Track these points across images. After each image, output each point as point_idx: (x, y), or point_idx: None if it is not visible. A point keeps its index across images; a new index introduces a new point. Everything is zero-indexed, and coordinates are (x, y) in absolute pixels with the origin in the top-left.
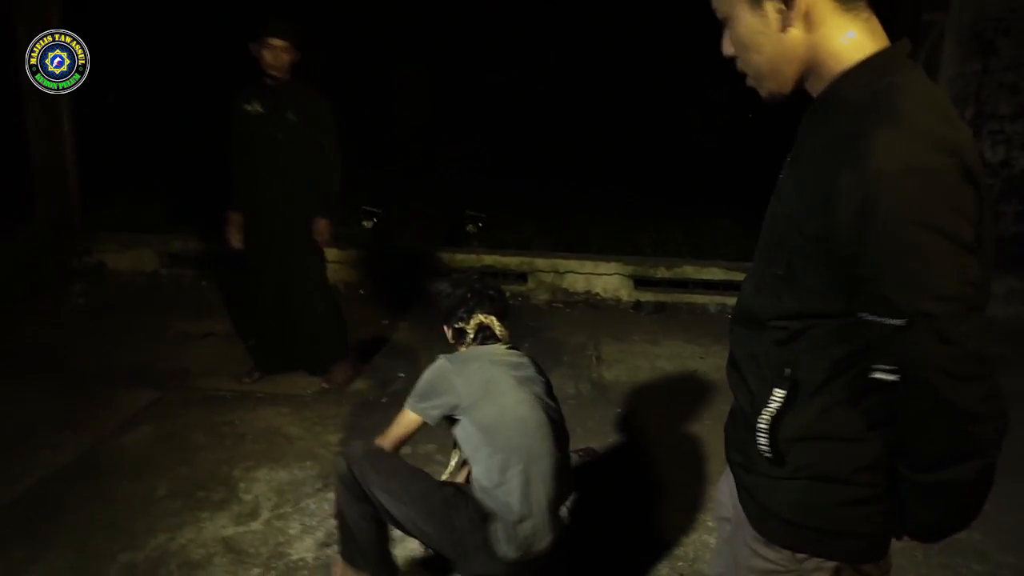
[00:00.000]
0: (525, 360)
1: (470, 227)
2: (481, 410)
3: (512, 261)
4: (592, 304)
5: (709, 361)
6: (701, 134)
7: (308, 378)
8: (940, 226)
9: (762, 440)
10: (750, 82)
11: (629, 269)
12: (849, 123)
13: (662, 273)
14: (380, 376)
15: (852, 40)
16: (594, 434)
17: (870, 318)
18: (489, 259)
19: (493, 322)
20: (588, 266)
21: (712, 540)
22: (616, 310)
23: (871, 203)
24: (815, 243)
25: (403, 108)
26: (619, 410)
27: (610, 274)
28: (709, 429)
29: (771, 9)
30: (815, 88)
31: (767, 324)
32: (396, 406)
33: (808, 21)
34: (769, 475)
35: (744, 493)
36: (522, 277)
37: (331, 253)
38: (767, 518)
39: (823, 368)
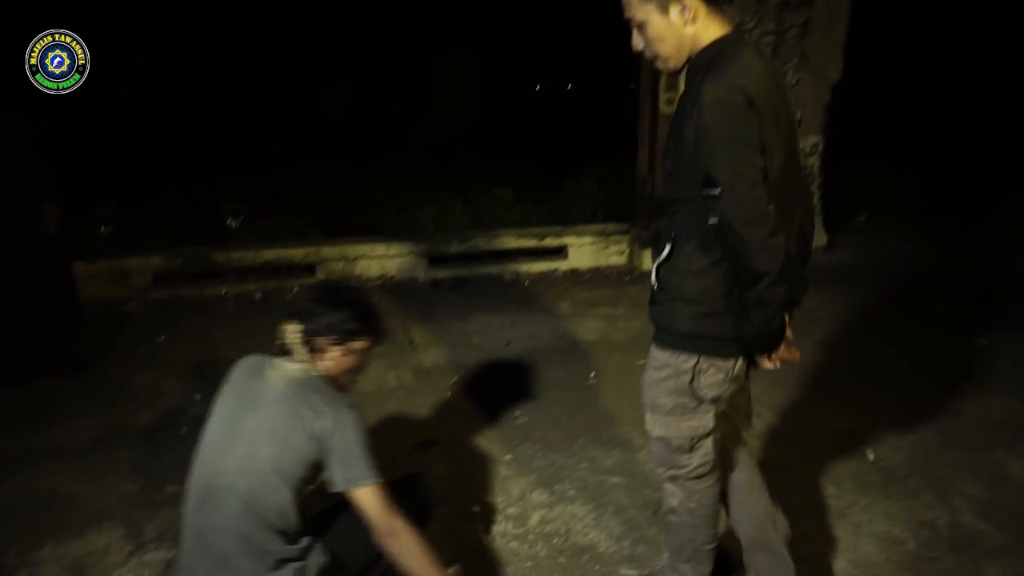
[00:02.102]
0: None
1: (230, 221)
2: None
3: (296, 253)
4: (390, 288)
5: (520, 329)
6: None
7: (80, 420)
8: (733, 133)
9: (653, 277)
10: (658, 64)
11: (422, 248)
12: (698, 78)
13: (455, 248)
14: (170, 402)
15: (709, 30)
16: (429, 423)
17: (704, 191)
18: (270, 253)
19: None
20: (379, 249)
21: (576, 508)
22: (415, 291)
23: (701, 122)
24: (685, 151)
25: None
26: (448, 394)
27: (404, 255)
28: (539, 399)
29: (675, 12)
30: (689, 58)
31: (665, 208)
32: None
33: (694, 19)
34: (659, 301)
35: (652, 321)
36: (310, 269)
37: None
38: (659, 331)
39: (689, 229)
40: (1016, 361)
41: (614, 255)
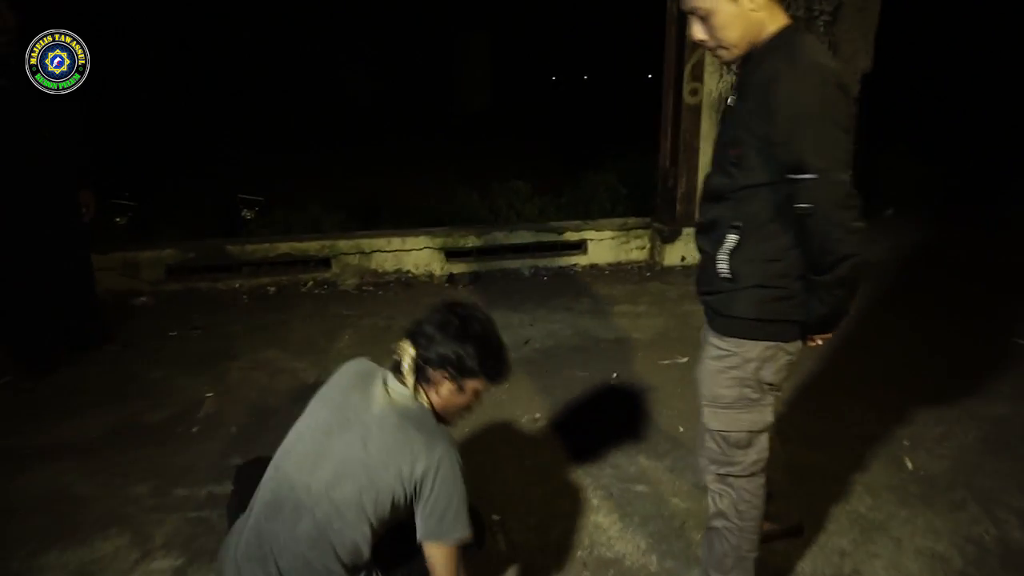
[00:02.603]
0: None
1: (246, 213)
2: None
3: (312, 246)
4: (405, 283)
5: (539, 327)
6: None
7: (90, 416)
8: (827, 115)
9: (723, 267)
10: (720, 54)
11: (439, 241)
12: (773, 63)
13: (472, 242)
14: (181, 400)
15: (773, 17)
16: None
17: (795, 176)
18: (285, 246)
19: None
20: (395, 243)
21: (600, 518)
22: (431, 286)
23: (788, 106)
24: (759, 139)
25: None
26: None
27: (419, 249)
28: (559, 401)
29: (746, 1)
30: (751, 47)
31: (726, 195)
32: (211, 436)
33: (760, 7)
34: (724, 290)
35: (709, 311)
36: (325, 263)
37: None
38: (724, 320)
39: (759, 215)
40: None
41: (635, 250)
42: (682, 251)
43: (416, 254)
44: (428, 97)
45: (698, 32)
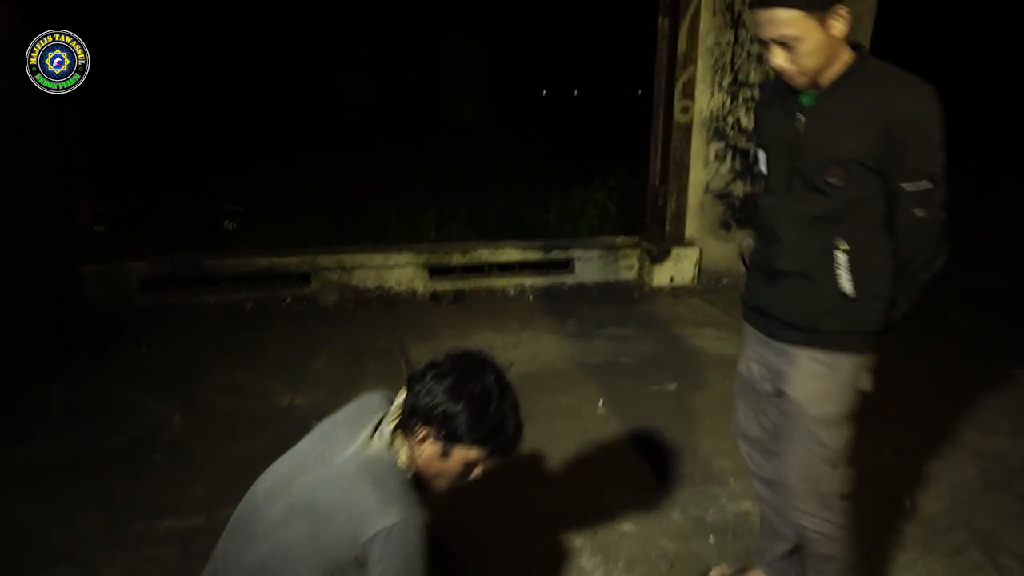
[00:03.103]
0: None
1: (227, 223)
2: None
3: (291, 262)
4: (387, 300)
5: (523, 349)
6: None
7: (51, 438)
8: (941, 128)
9: (846, 283)
10: (798, 80)
11: (423, 258)
12: (871, 87)
13: (457, 259)
14: (146, 423)
15: (846, 47)
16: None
17: (910, 186)
18: (263, 261)
19: None
20: (378, 259)
21: (584, 561)
22: (414, 304)
23: (917, 123)
24: (873, 159)
25: None
26: None
27: (403, 265)
28: (543, 430)
29: (837, 27)
30: (826, 72)
31: (821, 217)
32: (174, 463)
33: (842, 35)
34: (842, 307)
35: (811, 336)
36: (305, 278)
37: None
38: (841, 337)
39: (865, 227)
40: None
41: (623, 270)
42: (671, 271)
43: (399, 271)
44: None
45: (779, 58)
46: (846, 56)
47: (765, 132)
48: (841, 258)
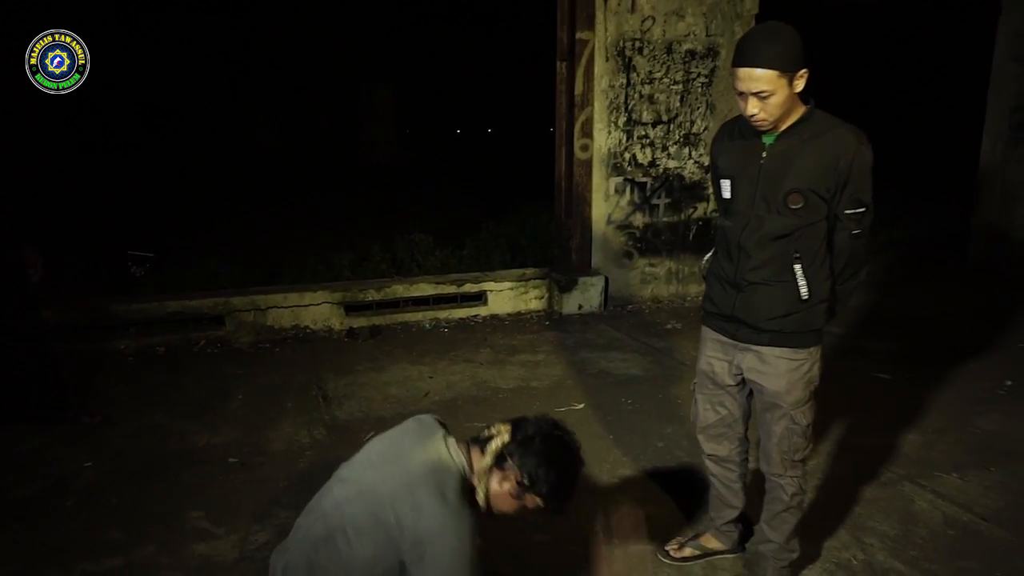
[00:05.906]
0: None
1: (135, 269)
2: None
3: (204, 304)
4: (303, 339)
5: (439, 379)
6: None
7: None
8: (872, 169)
9: (804, 290)
10: (763, 125)
11: (338, 296)
12: (835, 133)
13: (372, 296)
14: (55, 471)
15: (800, 99)
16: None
17: (850, 211)
18: (175, 304)
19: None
20: (293, 298)
21: None
22: (330, 341)
23: (858, 160)
24: (823, 188)
25: None
26: None
27: (318, 304)
28: None
29: (800, 84)
30: (786, 119)
31: (783, 235)
32: (89, 509)
33: (799, 91)
34: (799, 310)
35: (774, 334)
36: (218, 320)
37: None
38: (799, 335)
39: (815, 243)
40: (915, 393)
41: (533, 299)
42: (579, 300)
43: (314, 309)
44: (335, 150)
45: (753, 107)
46: (800, 107)
47: (729, 165)
48: (798, 269)
